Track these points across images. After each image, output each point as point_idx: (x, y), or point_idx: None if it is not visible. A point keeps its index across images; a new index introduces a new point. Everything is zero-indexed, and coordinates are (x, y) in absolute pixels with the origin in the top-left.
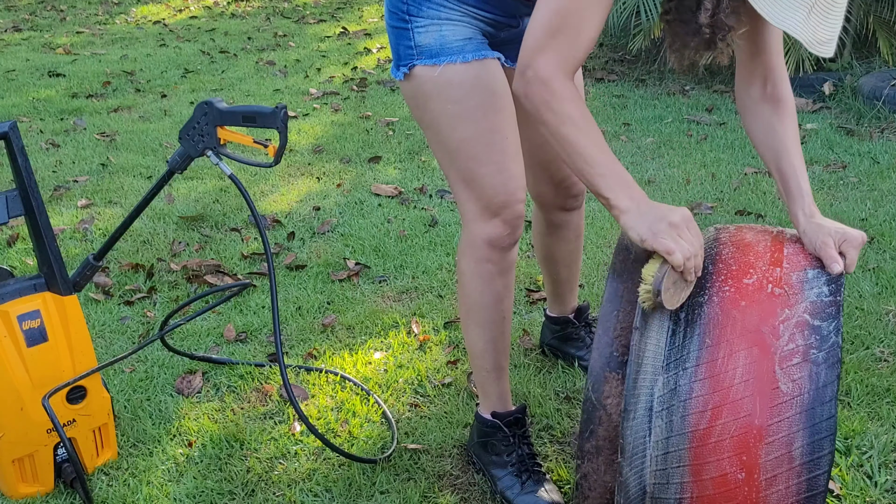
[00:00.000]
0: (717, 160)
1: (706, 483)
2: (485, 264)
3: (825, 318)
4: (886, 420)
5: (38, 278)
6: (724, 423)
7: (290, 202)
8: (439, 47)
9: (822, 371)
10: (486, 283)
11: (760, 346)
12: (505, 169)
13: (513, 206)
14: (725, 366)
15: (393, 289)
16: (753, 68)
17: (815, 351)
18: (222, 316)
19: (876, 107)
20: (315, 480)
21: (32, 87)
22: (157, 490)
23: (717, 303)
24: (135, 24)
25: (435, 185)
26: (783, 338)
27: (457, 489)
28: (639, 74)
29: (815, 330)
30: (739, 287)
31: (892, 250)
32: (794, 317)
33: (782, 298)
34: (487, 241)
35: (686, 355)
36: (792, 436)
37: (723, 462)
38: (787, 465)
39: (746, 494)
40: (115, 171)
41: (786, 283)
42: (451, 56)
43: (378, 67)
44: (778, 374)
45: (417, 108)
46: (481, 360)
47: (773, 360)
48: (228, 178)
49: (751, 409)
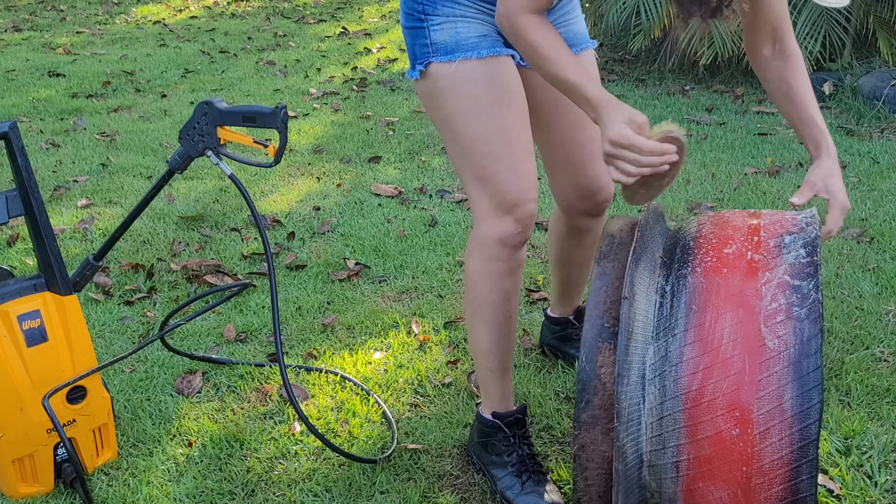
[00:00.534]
0: (717, 160)
1: (702, 443)
2: (494, 262)
3: (804, 277)
4: (886, 420)
5: (38, 278)
6: (716, 381)
7: (290, 202)
8: (455, 44)
9: (805, 326)
10: (494, 282)
11: (745, 307)
12: (518, 167)
13: (525, 205)
14: (713, 328)
15: (393, 289)
16: (761, 30)
17: (797, 308)
18: (222, 316)
19: (876, 107)
20: (315, 480)
21: (32, 87)
22: (157, 490)
23: (701, 272)
24: (135, 24)
25: (435, 185)
26: (766, 298)
27: (457, 489)
28: (639, 74)
29: (795, 289)
30: (720, 257)
31: (892, 250)
32: (774, 279)
33: (762, 263)
34: (499, 240)
35: (674, 323)
36: (782, 388)
37: (717, 420)
38: (778, 418)
39: (742, 450)
40: (115, 171)
41: (764, 250)
42: (466, 52)
43: (378, 67)
44: (764, 332)
45: (432, 107)
46: (486, 359)
47: (757, 319)
48: (228, 178)
49: (740, 366)
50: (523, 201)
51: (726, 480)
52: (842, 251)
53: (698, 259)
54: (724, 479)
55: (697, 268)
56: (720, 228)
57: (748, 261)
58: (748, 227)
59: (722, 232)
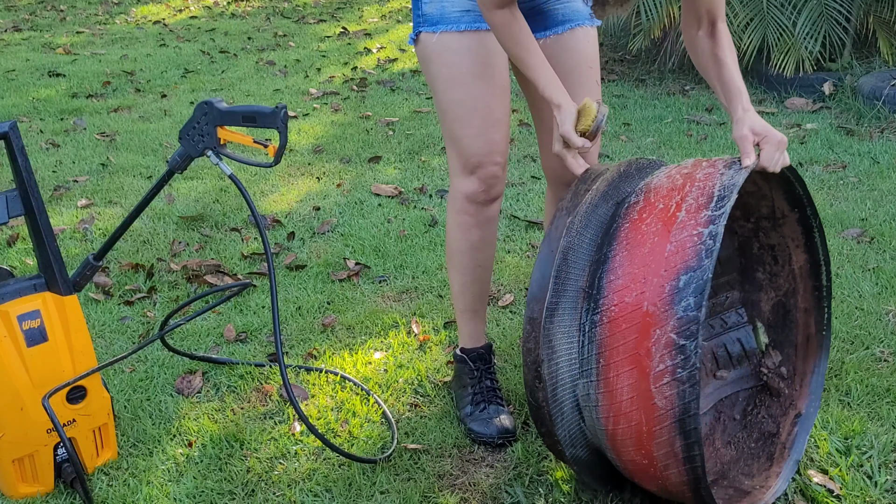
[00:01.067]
0: None
1: (626, 462)
2: (462, 216)
3: (688, 336)
4: (886, 420)
5: (38, 278)
6: (623, 428)
7: (290, 202)
8: (440, 16)
9: (685, 389)
10: (462, 233)
11: (639, 367)
12: (484, 133)
13: (487, 167)
14: (616, 384)
15: (393, 289)
16: (696, 13)
17: (679, 370)
18: (222, 316)
19: (876, 107)
20: (315, 480)
21: (32, 87)
22: (157, 490)
23: (607, 322)
24: (135, 24)
25: (435, 185)
26: (655, 358)
27: (457, 489)
28: (639, 74)
29: (680, 350)
30: (622, 305)
31: (892, 250)
32: (663, 337)
33: (655, 317)
34: (465, 196)
35: (589, 369)
36: (672, 439)
37: (630, 451)
38: (673, 459)
39: (653, 474)
40: (115, 171)
41: (658, 298)
42: (449, 24)
43: (378, 67)
44: (653, 391)
45: (424, 70)
46: (456, 300)
47: (648, 380)
48: (228, 178)
49: (638, 419)
50: (485, 163)
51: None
52: (842, 251)
53: (606, 304)
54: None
55: (604, 316)
56: (631, 262)
57: (644, 313)
58: (655, 259)
59: (630, 267)
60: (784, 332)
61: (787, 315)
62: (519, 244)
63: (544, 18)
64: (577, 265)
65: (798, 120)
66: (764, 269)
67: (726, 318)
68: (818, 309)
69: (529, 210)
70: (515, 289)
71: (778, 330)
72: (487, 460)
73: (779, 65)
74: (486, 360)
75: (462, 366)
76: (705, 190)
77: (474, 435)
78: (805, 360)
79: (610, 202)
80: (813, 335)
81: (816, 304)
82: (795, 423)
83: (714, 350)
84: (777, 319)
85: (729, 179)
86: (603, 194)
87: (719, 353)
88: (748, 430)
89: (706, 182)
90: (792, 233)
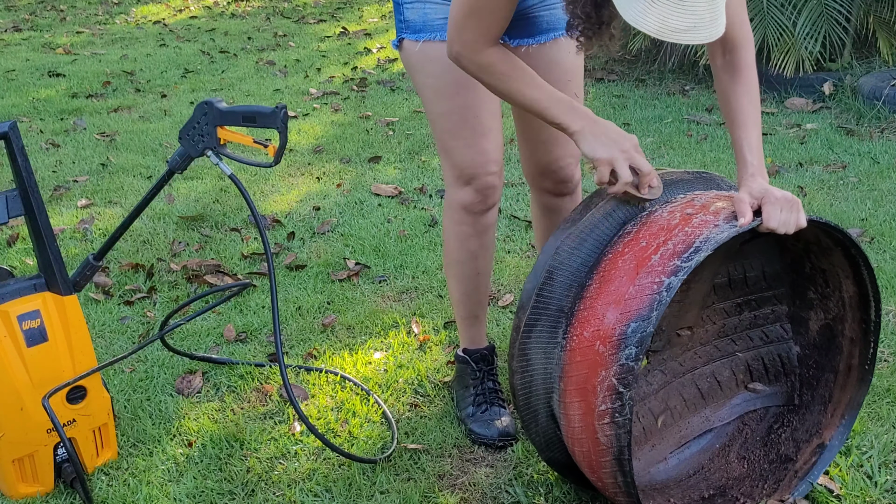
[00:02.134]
0: (716, 160)
1: (588, 478)
2: (460, 226)
3: (626, 384)
4: (886, 420)
5: (37, 278)
6: (578, 450)
7: (290, 202)
8: (422, 24)
9: (622, 434)
10: (461, 243)
11: (586, 402)
12: (475, 144)
13: (482, 178)
14: (570, 410)
15: (393, 289)
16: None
17: (617, 415)
18: (222, 316)
19: (876, 107)
20: (315, 480)
21: (32, 87)
22: (157, 490)
23: (568, 350)
24: (135, 24)
25: (435, 185)
26: (599, 397)
27: (457, 489)
28: (639, 74)
29: (619, 396)
30: (581, 338)
31: (892, 250)
32: (607, 379)
33: (604, 358)
34: (461, 206)
35: (557, 388)
36: (614, 472)
37: (587, 470)
38: (618, 489)
39: (608, 494)
40: (115, 171)
41: (608, 341)
42: (431, 33)
43: (378, 67)
44: (597, 427)
45: (410, 78)
46: (457, 307)
47: (593, 415)
48: (228, 178)
49: (588, 447)
50: (480, 174)
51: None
52: None
53: (571, 332)
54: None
55: (569, 343)
56: (599, 296)
57: (595, 352)
58: (616, 299)
59: (597, 302)
60: (828, 356)
61: (834, 340)
62: (519, 244)
63: (528, 25)
64: (563, 285)
65: (798, 120)
66: (816, 289)
67: (768, 331)
68: (864, 342)
69: (529, 210)
70: (515, 289)
71: (823, 353)
72: (487, 460)
73: (779, 65)
74: (488, 362)
75: (464, 366)
76: (689, 238)
77: (475, 436)
78: (843, 389)
79: (614, 221)
80: (855, 367)
81: (863, 336)
82: (816, 453)
83: (749, 362)
84: (823, 342)
85: (716, 233)
86: (608, 213)
87: (755, 365)
88: (766, 448)
89: (696, 230)
90: (840, 263)
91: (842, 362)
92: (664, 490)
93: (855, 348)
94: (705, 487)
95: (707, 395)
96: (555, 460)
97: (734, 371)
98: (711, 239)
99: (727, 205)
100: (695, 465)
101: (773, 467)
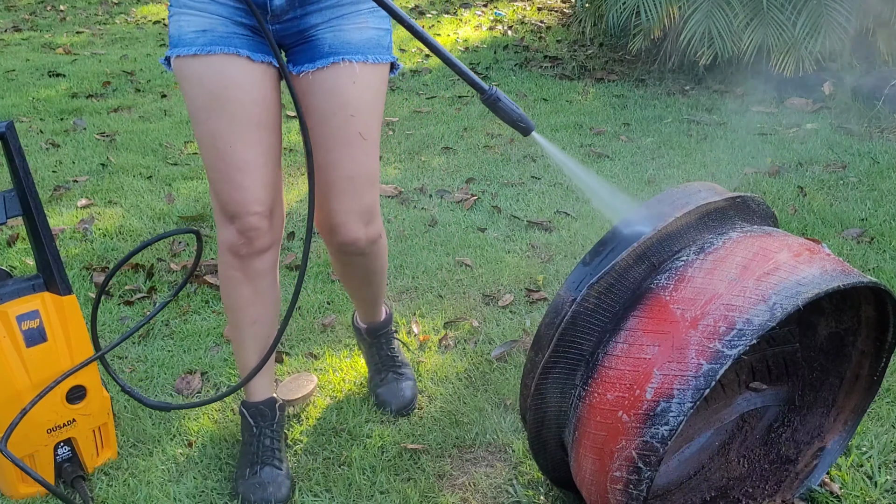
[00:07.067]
0: (717, 160)
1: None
2: (228, 269)
3: (648, 463)
4: (886, 420)
5: (36, 278)
6: (586, 492)
7: (290, 202)
8: (177, 38)
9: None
10: (231, 290)
11: (600, 461)
12: (231, 178)
13: (244, 218)
14: (581, 464)
15: (393, 289)
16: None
17: (632, 488)
18: (222, 316)
19: (876, 107)
20: (315, 480)
21: (32, 87)
22: (157, 490)
23: (587, 404)
24: (135, 24)
25: (435, 185)
26: (615, 463)
27: (457, 489)
28: (639, 74)
29: (637, 471)
30: (603, 399)
31: (892, 250)
32: (626, 450)
33: (626, 428)
34: (227, 247)
35: (571, 429)
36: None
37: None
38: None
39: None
40: (115, 171)
41: (635, 412)
42: (182, 48)
43: None
44: (609, 489)
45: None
46: (235, 355)
47: (606, 478)
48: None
49: (597, 498)
50: (241, 214)
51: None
52: (842, 251)
53: (593, 386)
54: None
55: (589, 396)
56: (626, 359)
57: (617, 418)
58: (647, 370)
59: (623, 364)
60: (835, 362)
61: (843, 349)
62: (519, 244)
63: (309, 49)
64: (584, 329)
65: (798, 120)
66: (829, 300)
67: (775, 334)
68: (876, 357)
69: (529, 210)
70: (515, 289)
71: (829, 358)
72: (487, 460)
73: (779, 65)
74: (266, 417)
75: (243, 419)
76: (730, 314)
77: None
78: (848, 396)
79: (644, 264)
80: (864, 377)
81: (875, 352)
82: (817, 456)
83: (753, 364)
84: (831, 348)
85: (762, 314)
86: (639, 256)
87: (758, 367)
88: (766, 448)
89: (740, 303)
90: (864, 292)
91: (849, 370)
92: (666, 497)
93: (866, 360)
94: (706, 489)
95: (709, 397)
96: (561, 480)
97: (738, 373)
98: (754, 321)
99: (772, 269)
100: (695, 464)
101: (773, 468)
